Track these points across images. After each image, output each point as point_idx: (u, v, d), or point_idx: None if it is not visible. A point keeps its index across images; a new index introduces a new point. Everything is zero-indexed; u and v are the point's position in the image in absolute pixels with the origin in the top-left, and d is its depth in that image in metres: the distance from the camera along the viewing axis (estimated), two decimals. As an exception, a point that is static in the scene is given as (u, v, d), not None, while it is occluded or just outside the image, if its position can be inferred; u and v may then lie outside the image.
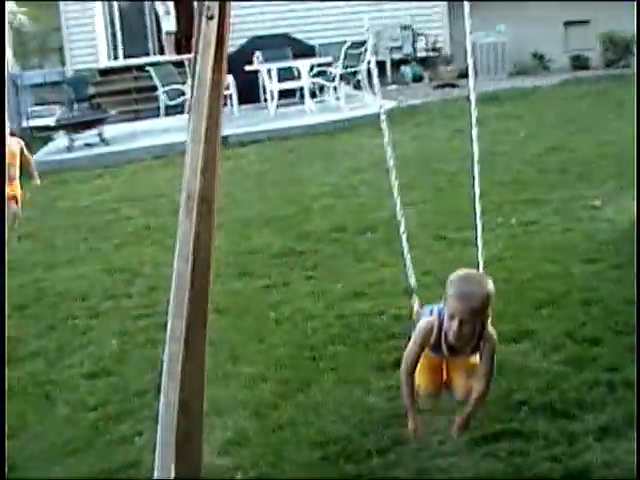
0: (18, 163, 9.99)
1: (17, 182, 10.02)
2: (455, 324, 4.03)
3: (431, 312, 4.32)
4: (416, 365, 4.28)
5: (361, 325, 6.41)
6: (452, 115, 15.73)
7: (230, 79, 17.48)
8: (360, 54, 18.04)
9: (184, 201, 3.29)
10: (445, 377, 4.53)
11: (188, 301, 3.42)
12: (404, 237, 5.03)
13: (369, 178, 11.38)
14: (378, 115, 5.35)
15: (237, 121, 16.58)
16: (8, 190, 9.72)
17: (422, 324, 4.27)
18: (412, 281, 4.86)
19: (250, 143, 15.01)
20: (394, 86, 20.71)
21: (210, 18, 3.41)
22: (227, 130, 15.53)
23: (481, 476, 4.38)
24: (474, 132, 4.83)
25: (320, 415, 5.09)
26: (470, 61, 5.02)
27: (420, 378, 4.42)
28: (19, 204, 10.13)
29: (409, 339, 4.36)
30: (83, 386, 5.94)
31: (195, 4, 3.53)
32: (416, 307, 4.69)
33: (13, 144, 10.11)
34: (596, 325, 6.10)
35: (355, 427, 4.92)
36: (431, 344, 4.24)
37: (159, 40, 22.28)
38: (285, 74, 17.96)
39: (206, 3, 3.42)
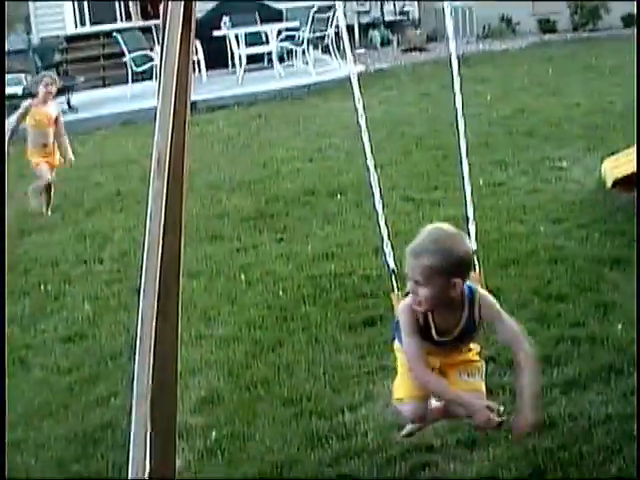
0: (52, 130, 9.73)
1: (51, 147, 9.78)
2: (409, 285, 3.52)
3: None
4: (423, 358, 3.61)
5: (331, 285, 6.49)
6: (420, 79, 15.84)
7: (198, 44, 17.42)
8: (328, 18, 18.01)
9: (155, 163, 3.34)
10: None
11: (160, 263, 3.47)
12: (379, 203, 4.34)
13: (337, 142, 11.44)
14: (347, 79, 5.35)
15: (205, 86, 16.57)
16: (40, 156, 9.64)
17: (400, 310, 3.65)
18: (391, 262, 4.12)
19: (218, 108, 15.02)
20: (362, 50, 20.71)
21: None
22: (195, 96, 15.49)
23: (449, 426, 4.47)
24: (458, 101, 4.34)
25: (292, 373, 5.19)
26: (449, 23, 4.80)
27: (402, 388, 3.80)
28: (53, 172, 9.82)
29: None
30: (58, 350, 6.00)
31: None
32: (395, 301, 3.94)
33: (51, 108, 9.86)
34: (562, 282, 6.23)
35: (326, 384, 5.01)
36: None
37: (126, 6, 22.12)
38: (253, 39, 17.93)
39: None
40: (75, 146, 13.74)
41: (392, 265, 4.08)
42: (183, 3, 3.52)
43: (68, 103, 16.59)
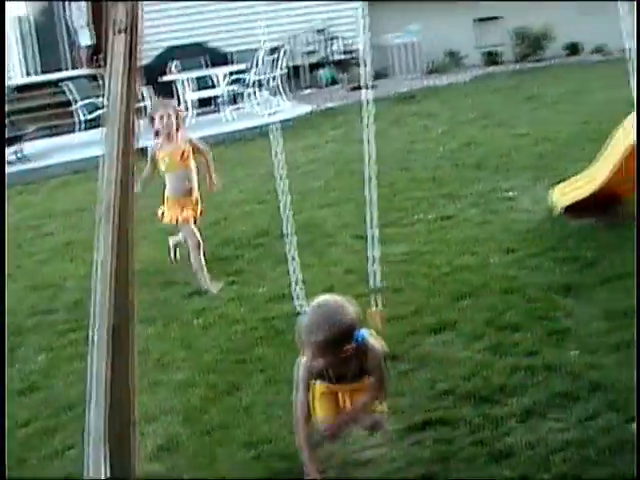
0: (193, 164, 7.89)
1: (196, 195, 7.95)
2: (308, 356, 4.05)
3: None
4: (308, 410, 4.26)
5: (285, 326, 6.47)
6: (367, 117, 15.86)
7: (145, 90, 17.46)
8: (275, 60, 18.13)
9: (103, 211, 3.34)
10: (344, 406, 4.41)
11: (113, 310, 3.46)
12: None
13: (287, 182, 11.43)
14: (294, 119, 5.46)
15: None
16: (180, 207, 7.78)
17: (298, 368, 4.25)
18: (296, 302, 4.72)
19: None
20: (310, 90, 20.84)
21: (120, 32, 3.46)
22: (145, 141, 15.49)
23: (408, 464, 4.48)
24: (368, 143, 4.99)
25: (250, 416, 5.16)
26: (367, 68, 5.10)
27: (317, 408, 4.38)
28: (195, 222, 7.95)
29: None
30: (14, 402, 5.91)
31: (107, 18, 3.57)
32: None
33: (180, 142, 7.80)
34: (515, 312, 6.27)
35: (285, 426, 4.98)
36: (316, 375, 4.21)
37: (72, 54, 22.10)
38: (201, 83, 17.98)
39: (117, 17, 3.47)
40: (26, 196, 13.77)
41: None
42: (125, 51, 3.53)
43: (18, 153, 16.50)
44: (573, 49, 23.77)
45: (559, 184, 8.97)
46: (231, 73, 18.17)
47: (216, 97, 18.30)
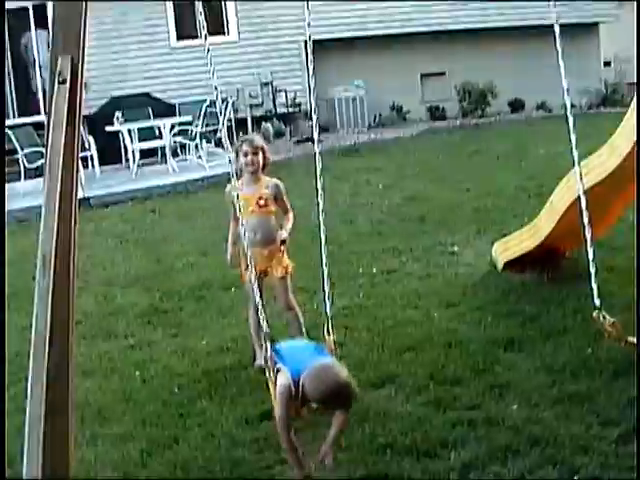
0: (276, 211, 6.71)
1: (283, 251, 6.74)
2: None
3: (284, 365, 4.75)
4: (290, 425, 4.70)
5: (227, 379, 6.43)
6: (313, 171, 15.92)
7: (91, 140, 17.40)
8: (220, 112, 18.13)
9: (40, 261, 3.30)
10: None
11: (50, 363, 3.41)
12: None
13: (230, 234, 11.43)
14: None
15: (99, 182, 16.49)
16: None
17: (280, 390, 4.67)
18: (265, 326, 4.96)
19: (112, 204, 14.94)
20: (256, 143, 20.88)
21: (61, 82, 3.44)
22: (89, 191, 15.42)
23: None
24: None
25: (188, 471, 5.10)
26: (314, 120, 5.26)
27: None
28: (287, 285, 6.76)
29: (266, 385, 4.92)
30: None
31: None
32: (269, 352, 4.86)
33: (266, 185, 6.65)
34: (457, 366, 6.29)
35: (222, 485, 4.95)
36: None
37: (18, 101, 21.94)
38: (146, 134, 17.94)
39: (58, 67, 3.45)
40: (-34, 247, 13.59)
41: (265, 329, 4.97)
42: (67, 101, 3.52)
43: (-42, 203, 16.29)
44: (517, 105, 24.12)
45: (501, 239, 9.05)
46: (176, 124, 18.17)
47: (161, 148, 18.27)
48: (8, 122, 20.26)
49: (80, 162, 14.11)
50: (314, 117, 5.30)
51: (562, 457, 4.90)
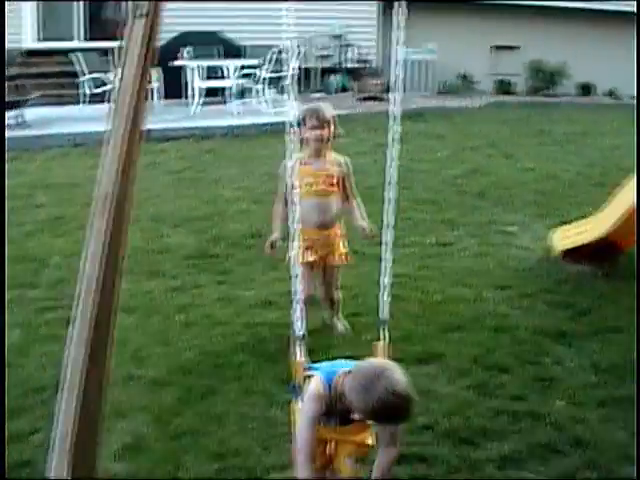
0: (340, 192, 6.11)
1: (338, 227, 6.21)
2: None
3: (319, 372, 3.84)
4: (313, 447, 3.73)
5: (269, 335, 6.31)
6: (374, 128, 15.74)
7: (154, 72, 17.28)
8: (288, 59, 17.95)
9: (100, 201, 3.18)
10: (330, 455, 3.90)
11: (95, 303, 3.29)
12: None
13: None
14: None
15: (159, 115, 16.30)
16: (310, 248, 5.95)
17: (310, 396, 3.75)
18: (303, 327, 4.03)
19: (171, 139, 14.80)
20: (319, 94, 20.67)
21: (140, 16, 3.30)
22: (148, 124, 15.32)
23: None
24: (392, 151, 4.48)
25: (222, 425, 4.99)
26: (399, 75, 4.86)
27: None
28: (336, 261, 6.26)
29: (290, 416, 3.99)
30: (-20, 377, 5.74)
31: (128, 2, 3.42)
32: (301, 358, 3.94)
33: (335, 162, 6.10)
34: (504, 353, 6.12)
35: (256, 440, 4.83)
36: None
37: (86, 25, 21.85)
38: (211, 72, 17.79)
39: (138, 2, 3.31)
40: (21, 163, 13.55)
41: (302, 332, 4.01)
42: (144, 36, 3.37)
43: (20, 118, 16.26)
44: (586, 89, 23.68)
45: (561, 226, 8.84)
46: (243, 67, 17.98)
47: (224, 89, 18.10)
48: (74, 44, 20.22)
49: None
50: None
51: (604, 462, 4.75)
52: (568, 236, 8.30)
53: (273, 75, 17.78)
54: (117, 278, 3.50)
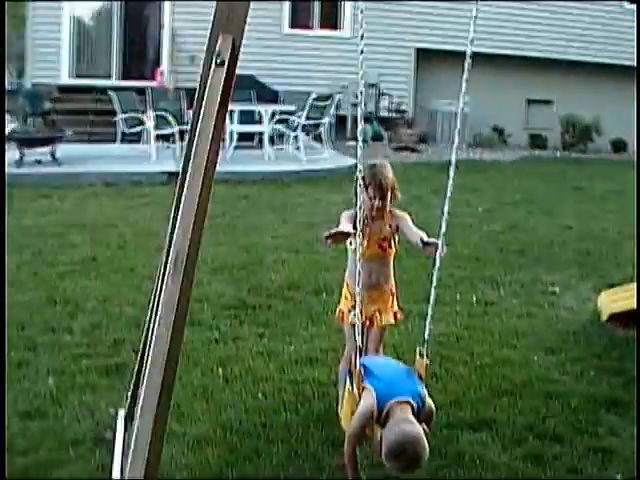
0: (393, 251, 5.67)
1: (391, 283, 5.74)
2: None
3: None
4: (357, 443, 4.57)
5: (314, 394, 6.10)
6: (411, 180, 15.64)
7: (191, 114, 17.23)
8: (325, 107, 17.90)
9: (172, 262, 2.98)
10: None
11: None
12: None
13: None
14: (336, 170, 5.18)
15: (194, 158, 16.25)
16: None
17: (362, 410, 4.39)
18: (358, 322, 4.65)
19: (205, 182, 14.69)
20: (353, 142, 20.57)
21: (219, 64, 3.16)
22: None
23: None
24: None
25: (269, 490, 4.79)
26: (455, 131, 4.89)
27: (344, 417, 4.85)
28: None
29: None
30: (14, 426, 5.54)
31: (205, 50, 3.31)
32: (358, 362, 4.54)
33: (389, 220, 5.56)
34: (557, 421, 5.90)
35: (305, 508, 4.63)
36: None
37: (121, 64, 21.89)
38: (247, 117, 17.73)
39: (217, 47, 3.17)
40: (54, 200, 13.46)
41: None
42: (224, 81, 3.23)
43: (52, 154, 16.18)
44: (619, 145, 23.53)
45: (605, 287, 8.63)
46: (277, 112, 17.91)
47: (259, 133, 18.02)
48: (109, 83, 20.23)
49: (178, 135, 13.95)
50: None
51: None
52: (615, 300, 8.09)
53: (308, 122, 17.70)
54: (181, 340, 3.31)
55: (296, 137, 17.61)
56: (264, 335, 7.33)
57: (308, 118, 17.61)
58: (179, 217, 3.07)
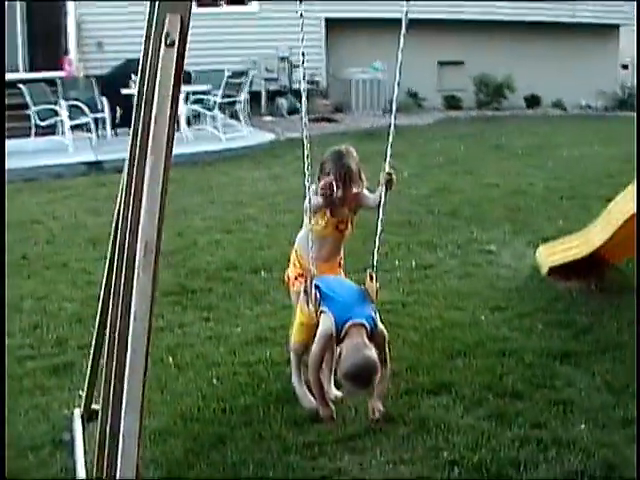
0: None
1: (340, 256, 5.69)
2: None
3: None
4: (320, 364, 4.74)
5: (269, 374, 6.01)
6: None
7: (104, 101, 16.95)
8: (240, 84, 17.73)
9: (141, 253, 2.86)
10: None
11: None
12: None
13: (255, 213, 11.05)
14: (256, 147, 5.14)
15: (113, 146, 15.95)
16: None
17: (322, 333, 4.58)
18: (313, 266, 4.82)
19: (127, 170, 14.42)
20: (269, 118, 20.47)
21: (169, 45, 3.04)
22: (101, 155, 14.98)
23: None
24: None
25: (240, 477, 4.70)
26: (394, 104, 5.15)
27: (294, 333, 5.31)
28: None
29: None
30: (-35, 433, 5.36)
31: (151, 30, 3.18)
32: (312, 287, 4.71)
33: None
34: (515, 378, 5.92)
35: (281, 491, 4.56)
36: None
37: (30, 56, 21.37)
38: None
39: (165, 28, 3.05)
40: (-28, 203, 13.09)
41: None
42: (175, 62, 3.12)
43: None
44: (532, 101, 23.76)
45: (540, 242, 8.70)
46: (193, 93, 17.67)
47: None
48: (20, 76, 19.75)
49: (93, 124, 13.58)
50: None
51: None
52: (555, 252, 8.16)
53: (224, 100, 17.51)
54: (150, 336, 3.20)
55: (214, 117, 17.41)
56: (209, 319, 7.21)
57: (224, 96, 17.41)
58: (144, 205, 2.95)
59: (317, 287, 4.68)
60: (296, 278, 5.56)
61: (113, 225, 4.50)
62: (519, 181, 12.85)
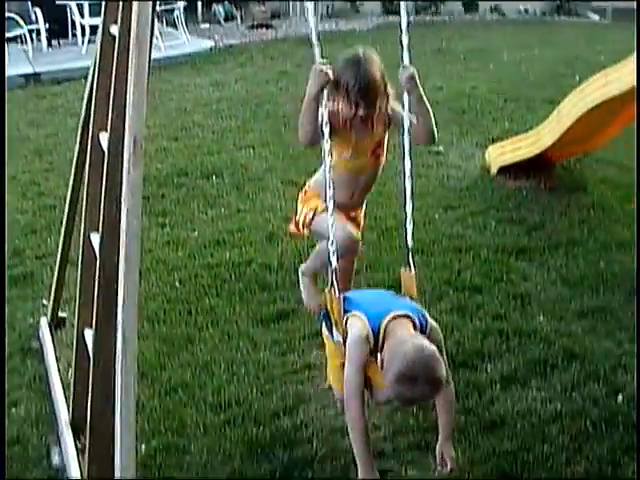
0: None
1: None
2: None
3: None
4: (364, 393, 3.51)
5: (231, 275, 6.06)
6: (273, 56, 15.50)
7: (38, 12, 16.55)
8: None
9: (130, 148, 2.86)
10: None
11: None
12: None
13: (200, 120, 10.95)
14: (196, 54, 5.04)
15: (48, 57, 15.66)
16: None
17: (354, 338, 3.48)
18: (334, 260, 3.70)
19: (64, 81, 14.14)
20: (206, 25, 20.16)
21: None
22: (38, 67, 14.68)
23: (396, 428, 4.21)
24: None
25: (212, 375, 4.76)
26: None
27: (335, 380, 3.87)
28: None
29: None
30: None
31: None
32: (336, 293, 3.64)
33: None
34: (472, 273, 6.05)
35: (252, 386, 4.63)
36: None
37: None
38: (96, 8, 17.07)
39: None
40: None
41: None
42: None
43: None
44: (470, 6, 23.64)
45: (491, 144, 8.76)
46: (128, 1, 17.30)
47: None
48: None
49: (28, 36, 13.23)
50: None
51: (603, 374, 4.73)
52: (504, 152, 8.23)
53: (161, 8, 17.19)
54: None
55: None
56: (165, 225, 7.19)
57: (161, 4, 17.08)
58: (129, 99, 2.93)
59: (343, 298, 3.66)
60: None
61: (79, 131, 4.50)
62: (463, 84, 12.83)
